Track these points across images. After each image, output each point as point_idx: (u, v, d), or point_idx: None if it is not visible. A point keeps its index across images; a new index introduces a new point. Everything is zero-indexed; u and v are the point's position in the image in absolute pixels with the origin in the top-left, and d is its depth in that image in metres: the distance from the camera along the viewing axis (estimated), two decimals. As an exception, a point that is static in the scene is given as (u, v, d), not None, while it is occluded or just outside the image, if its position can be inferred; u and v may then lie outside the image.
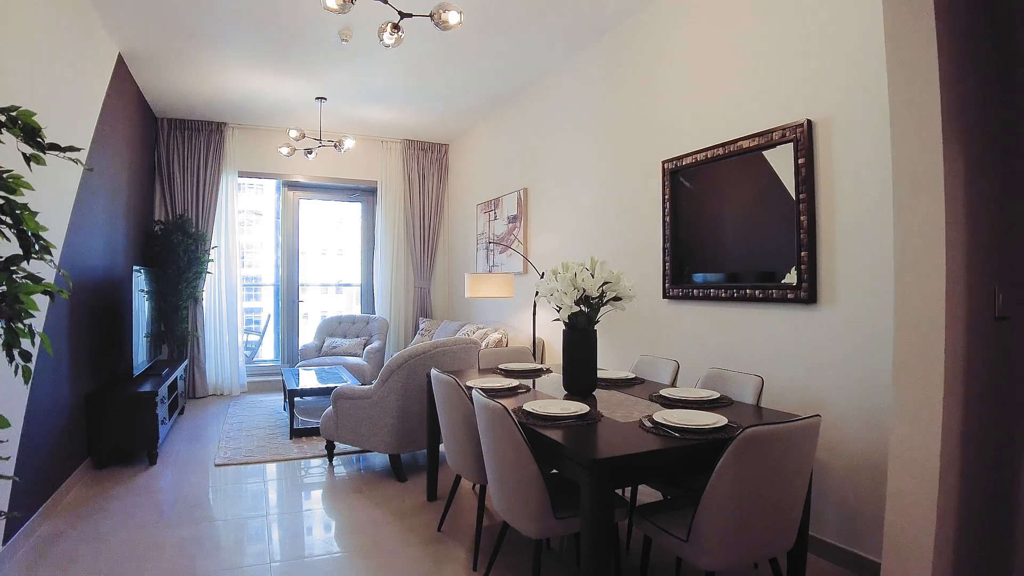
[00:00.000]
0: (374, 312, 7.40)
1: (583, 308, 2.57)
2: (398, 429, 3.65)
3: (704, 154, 3.37)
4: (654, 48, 3.78)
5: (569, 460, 1.87)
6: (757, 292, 3.04)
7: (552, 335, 4.89)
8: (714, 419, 2.13)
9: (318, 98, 5.71)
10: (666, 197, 3.66)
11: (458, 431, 2.63)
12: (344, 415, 3.80)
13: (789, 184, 2.86)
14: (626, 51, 4.04)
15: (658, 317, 3.72)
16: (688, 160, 3.48)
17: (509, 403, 2.51)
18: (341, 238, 7.97)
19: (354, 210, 7.80)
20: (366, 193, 7.65)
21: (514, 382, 2.89)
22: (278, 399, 6.26)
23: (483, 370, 3.50)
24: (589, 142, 4.46)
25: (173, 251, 5.69)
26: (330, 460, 4.10)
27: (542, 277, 4.64)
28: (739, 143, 3.13)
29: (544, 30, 4.16)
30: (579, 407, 2.28)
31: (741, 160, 3.15)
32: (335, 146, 5.81)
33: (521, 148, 5.57)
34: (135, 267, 4.11)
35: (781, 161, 2.91)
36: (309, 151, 5.96)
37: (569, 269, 2.75)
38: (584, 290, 2.52)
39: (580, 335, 2.63)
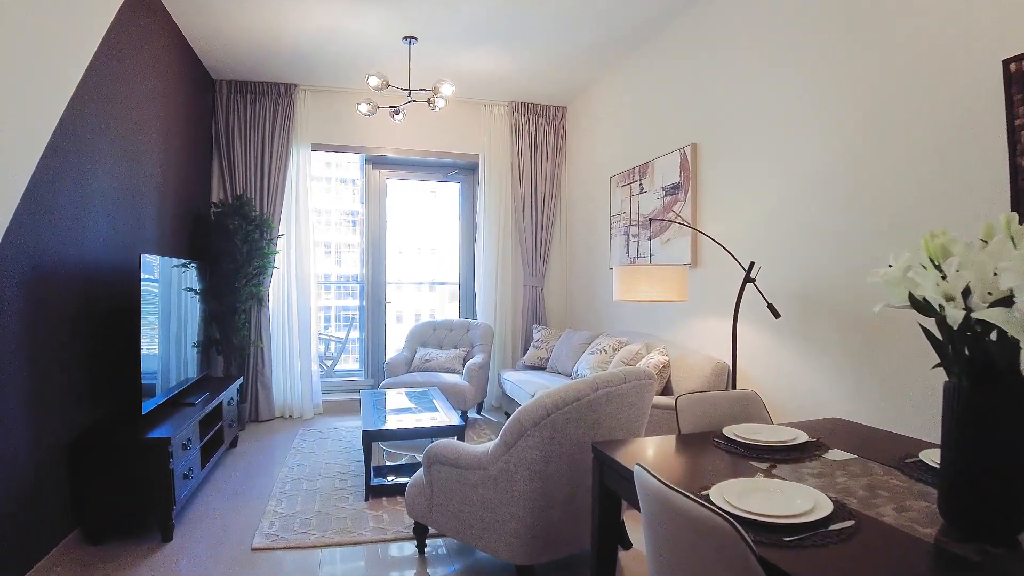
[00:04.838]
0: (475, 316, 5.99)
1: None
2: (532, 524, 2.16)
3: None
4: None
5: None
6: None
7: (741, 356, 3.25)
8: None
9: (406, 38, 4.35)
10: (1016, 123, 1.97)
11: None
12: (443, 490, 2.37)
13: None
14: None
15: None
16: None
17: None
18: (436, 227, 6.62)
19: (451, 192, 6.44)
20: (465, 171, 6.26)
21: (815, 503, 1.30)
22: (359, 425, 4.96)
23: (685, 436, 1.94)
24: (821, 57, 2.77)
25: (229, 240, 4.51)
26: (420, 551, 2.67)
27: (748, 272, 2.99)
28: None
29: None
30: None
31: None
32: (428, 102, 4.44)
33: (684, 89, 3.94)
34: (143, 254, 2.85)
35: None
36: (396, 110, 4.64)
37: (941, 237, 1.17)
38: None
39: (998, 396, 1.01)
